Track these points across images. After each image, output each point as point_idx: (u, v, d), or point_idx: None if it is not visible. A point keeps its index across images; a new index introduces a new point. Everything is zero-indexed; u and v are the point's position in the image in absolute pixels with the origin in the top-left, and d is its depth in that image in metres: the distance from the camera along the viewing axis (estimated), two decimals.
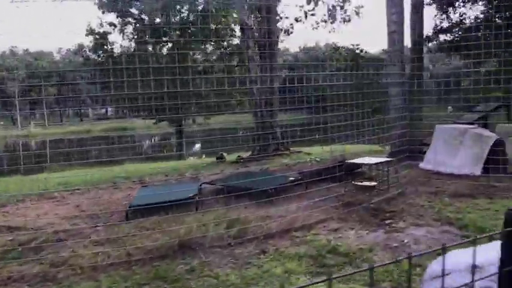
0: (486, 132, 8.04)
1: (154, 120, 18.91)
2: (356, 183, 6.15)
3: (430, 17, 12.85)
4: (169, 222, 5.62)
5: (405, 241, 4.86)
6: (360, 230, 5.32)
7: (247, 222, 5.52)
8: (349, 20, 15.37)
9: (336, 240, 4.91)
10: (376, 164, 6.52)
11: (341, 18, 15.29)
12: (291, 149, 12.48)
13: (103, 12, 19.91)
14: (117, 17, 19.14)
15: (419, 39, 10.67)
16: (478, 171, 7.77)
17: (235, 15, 14.21)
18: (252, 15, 11.54)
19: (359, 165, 6.50)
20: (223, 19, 14.65)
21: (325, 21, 15.60)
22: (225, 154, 12.12)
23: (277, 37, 12.45)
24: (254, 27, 11.31)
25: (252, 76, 11.55)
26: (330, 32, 15.03)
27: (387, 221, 5.63)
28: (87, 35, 20.27)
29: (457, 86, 11.91)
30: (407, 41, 10.96)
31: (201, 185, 7.67)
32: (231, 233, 5.04)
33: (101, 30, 20.16)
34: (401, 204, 6.32)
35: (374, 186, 6.17)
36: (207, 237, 4.85)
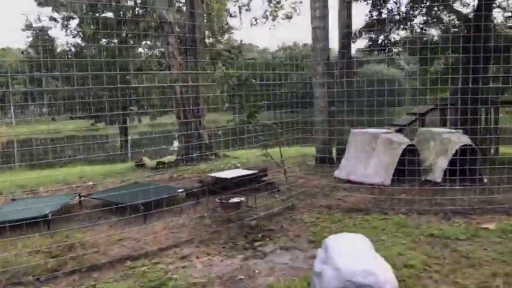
0: (397, 138, 7.39)
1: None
2: (221, 200, 5.36)
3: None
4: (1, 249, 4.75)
5: (257, 271, 4.10)
6: (218, 255, 4.55)
7: (88, 247, 4.69)
8: (291, 17, 14.67)
9: (175, 271, 4.12)
10: (240, 177, 5.70)
11: (283, 14, 14.58)
12: (220, 152, 11.68)
13: (39, 4, 18.63)
14: (53, 10, 17.95)
15: (347, 36, 9.99)
16: (388, 180, 7.12)
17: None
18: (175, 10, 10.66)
19: (223, 180, 5.67)
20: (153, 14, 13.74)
21: (267, 17, 14.89)
22: (145, 158, 11.24)
23: (204, 33, 11.62)
24: (174, 22, 10.44)
25: (172, 74, 10.69)
26: (270, 28, 14.30)
27: (257, 243, 4.88)
28: (24, 30, 19.08)
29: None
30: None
31: (81, 197, 6.82)
32: (50, 264, 4.19)
33: (39, 25, 18.97)
34: (284, 221, 5.59)
35: (240, 202, 5.40)
36: (9, 270, 3.99)
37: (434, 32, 13.16)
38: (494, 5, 10.53)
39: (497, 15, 13.04)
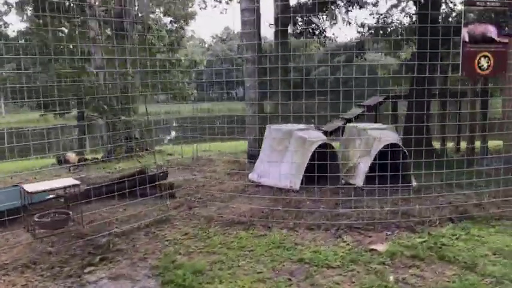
0: (311, 136, 6.43)
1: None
2: (38, 219, 4.38)
3: None
4: None
5: None
6: (24, 287, 3.64)
7: None
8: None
9: None
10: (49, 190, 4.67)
11: None
12: (151, 148, 10.72)
13: None
14: None
15: (283, 20, 8.95)
16: (297, 184, 6.20)
17: None
18: None
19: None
20: None
21: (220, 1, 13.85)
22: (69, 154, 10.29)
23: (133, 18, 10.60)
24: (96, 5, 9.44)
25: (96, 61, 9.70)
26: (221, 13, 13.26)
27: (89, 269, 3.97)
28: None
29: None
30: None
31: None
32: None
33: None
34: (143, 238, 4.67)
35: (64, 219, 4.45)
36: None
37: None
38: None
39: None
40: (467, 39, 4.60)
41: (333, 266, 3.83)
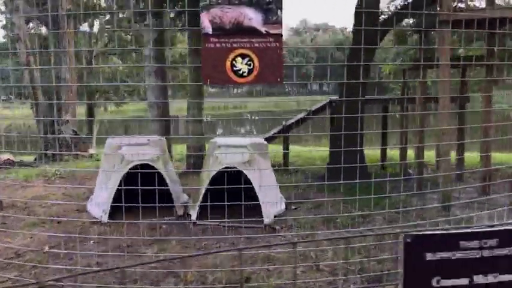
0: (133, 152, 5.07)
1: None
2: None
3: None
4: None
5: None
6: None
7: None
8: None
9: None
10: None
11: None
12: (84, 151, 10.05)
13: None
14: None
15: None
16: (105, 216, 4.97)
17: None
18: None
19: None
20: None
21: None
22: (2, 156, 9.96)
23: (65, 15, 9.91)
24: None
25: (20, 59, 9.22)
26: None
27: None
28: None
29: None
30: None
31: None
32: None
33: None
34: None
35: None
36: None
37: None
38: None
39: None
40: (210, 31, 3.04)
41: None
